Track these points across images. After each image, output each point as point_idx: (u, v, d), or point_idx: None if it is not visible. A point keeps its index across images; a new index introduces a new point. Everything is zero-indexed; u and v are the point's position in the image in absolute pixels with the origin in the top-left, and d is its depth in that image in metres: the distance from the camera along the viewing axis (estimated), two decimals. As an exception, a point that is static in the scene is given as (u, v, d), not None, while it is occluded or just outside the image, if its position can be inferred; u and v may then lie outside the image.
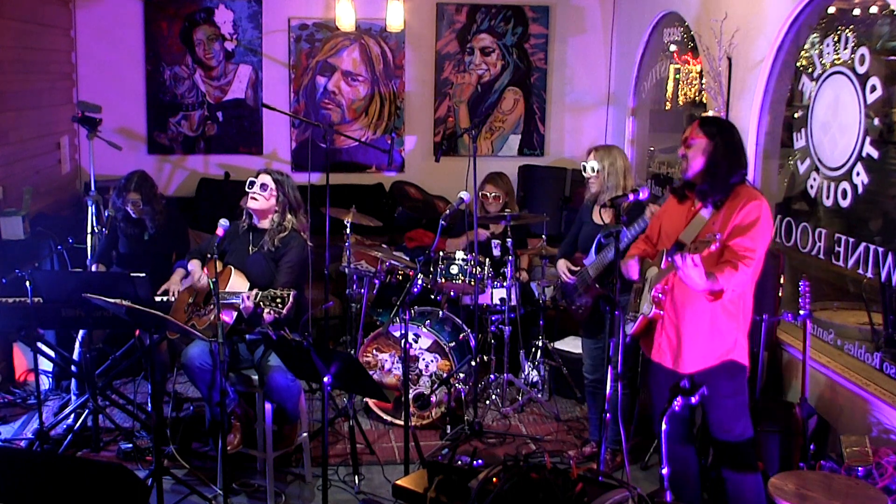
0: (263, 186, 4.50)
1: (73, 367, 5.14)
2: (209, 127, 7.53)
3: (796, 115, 4.98)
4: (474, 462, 3.19)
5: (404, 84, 7.70)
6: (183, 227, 5.82)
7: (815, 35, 4.78)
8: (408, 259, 5.88)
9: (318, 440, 4.69)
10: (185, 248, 5.51)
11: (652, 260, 3.84)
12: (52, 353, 5.23)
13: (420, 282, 5.32)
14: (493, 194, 5.95)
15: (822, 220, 4.69)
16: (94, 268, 5.52)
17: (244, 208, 4.63)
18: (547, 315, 5.75)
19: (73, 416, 4.90)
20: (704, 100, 5.95)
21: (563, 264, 4.72)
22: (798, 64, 4.97)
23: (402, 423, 4.79)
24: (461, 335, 5.37)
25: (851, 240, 4.37)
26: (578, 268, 4.64)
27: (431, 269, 5.48)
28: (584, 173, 4.63)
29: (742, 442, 3.66)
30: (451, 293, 5.69)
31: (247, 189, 4.54)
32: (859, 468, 3.78)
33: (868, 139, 4.26)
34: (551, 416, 5.45)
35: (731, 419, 3.65)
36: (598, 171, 4.54)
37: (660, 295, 3.69)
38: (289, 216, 4.55)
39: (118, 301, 3.90)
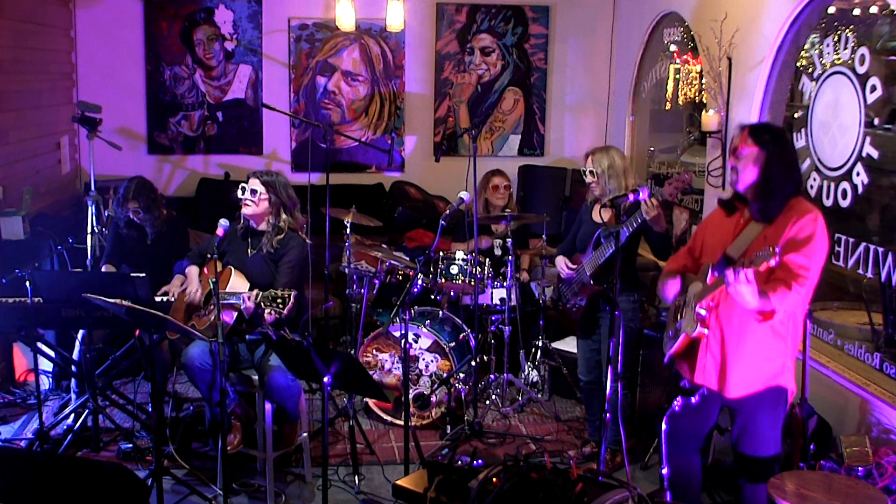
0: (253, 192, 4.46)
1: (73, 367, 5.14)
2: (209, 127, 7.53)
3: (796, 115, 4.99)
4: (474, 462, 3.19)
5: (404, 84, 7.70)
6: (184, 231, 5.81)
7: (815, 35, 4.79)
8: (408, 259, 5.88)
9: (318, 440, 4.69)
10: (186, 252, 5.50)
11: (694, 275, 3.60)
12: (52, 353, 5.23)
13: (420, 282, 5.33)
14: (504, 184, 6.09)
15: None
16: (104, 268, 5.51)
17: (240, 215, 4.57)
18: (547, 315, 5.75)
19: (73, 416, 4.90)
20: (704, 100, 5.95)
21: (561, 260, 4.73)
22: (798, 64, 4.97)
23: (402, 423, 4.79)
24: (461, 335, 5.37)
25: (852, 240, 4.37)
26: (576, 265, 4.65)
27: (431, 269, 5.49)
28: (584, 178, 4.61)
29: (767, 458, 3.54)
30: (451, 293, 5.70)
31: (238, 195, 4.50)
32: (859, 468, 3.78)
33: (868, 139, 4.26)
34: (551, 416, 5.45)
35: (764, 442, 3.52)
36: (598, 176, 4.51)
37: (704, 312, 3.43)
38: (284, 216, 4.52)
39: (118, 301, 3.90)
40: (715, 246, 3.50)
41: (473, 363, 5.15)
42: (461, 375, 5.20)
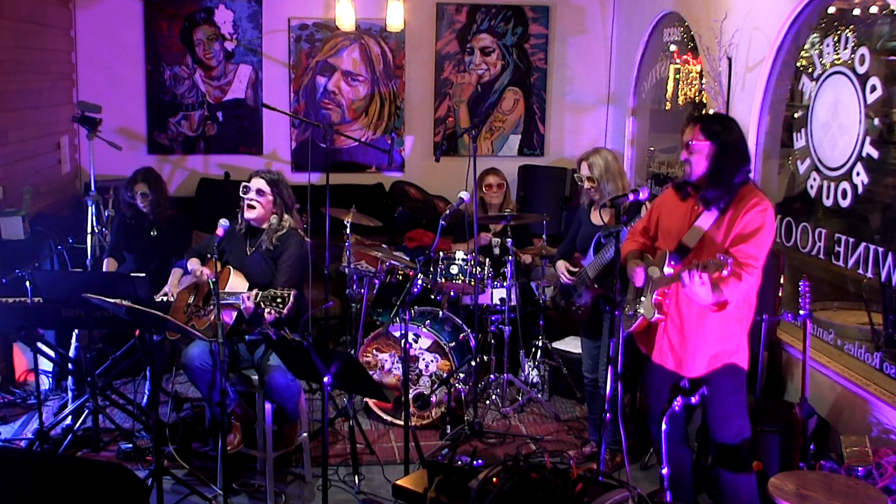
0: (260, 192, 4.46)
1: (70, 367, 5.14)
2: (209, 127, 7.53)
3: (796, 115, 4.98)
4: (474, 462, 3.19)
5: (404, 84, 7.70)
6: (187, 229, 5.83)
7: (815, 35, 4.78)
8: (408, 259, 5.88)
9: (318, 440, 4.69)
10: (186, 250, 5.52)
11: (652, 258, 3.77)
12: (52, 353, 5.23)
13: (420, 282, 5.33)
14: (497, 183, 6.08)
15: (822, 220, 4.69)
16: (105, 262, 5.53)
17: (240, 216, 4.54)
18: (547, 315, 5.75)
19: (72, 416, 4.90)
20: (704, 100, 5.95)
21: (561, 265, 4.74)
22: (798, 64, 4.97)
23: (402, 423, 4.79)
24: (461, 335, 5.37)
25: (851, 240, 4.37)
26: (577, 268, 4.65)
27: (431, 269, 5.49)
28: (580, 183, 4.64)
29: (739, 443, 3.65)
30: (451, 293, 5.70)
31: (241, 194, 4.48)
32: (859, 468, 3.77)
33: (868, 139, 4.26)
34: (551, 416, 5.45)
35: (730, 417, 3.64)
36: (596, 180, 4.53)
37: (662, 299, 3.62)
38: (286, 216, 4.54)
39: (118, 301, 3.90)
40: (670, 230, 3.68)
41: (473, 363, 5.15)
42: (461, 375, 5.20)
